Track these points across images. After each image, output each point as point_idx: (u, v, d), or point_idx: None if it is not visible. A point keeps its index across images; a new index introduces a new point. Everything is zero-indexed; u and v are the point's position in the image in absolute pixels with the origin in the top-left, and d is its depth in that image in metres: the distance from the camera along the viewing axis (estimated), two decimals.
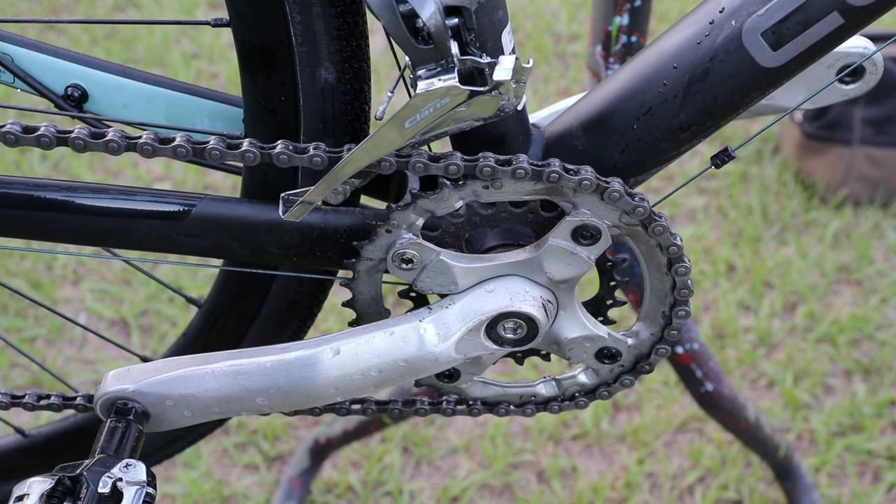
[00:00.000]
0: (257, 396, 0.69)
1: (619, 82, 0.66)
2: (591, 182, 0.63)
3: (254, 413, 0.71)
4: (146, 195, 0.70)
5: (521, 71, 0.59)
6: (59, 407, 0.81)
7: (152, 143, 0.64)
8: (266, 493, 1.54)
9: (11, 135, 0.64)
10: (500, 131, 0.66)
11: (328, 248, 0.70)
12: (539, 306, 0.67)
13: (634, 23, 1.04)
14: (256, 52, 0.66)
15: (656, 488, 1.55)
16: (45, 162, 2.15)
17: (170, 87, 0.74)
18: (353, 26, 0.66)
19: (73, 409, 0.81)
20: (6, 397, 0.81)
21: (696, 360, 1.28)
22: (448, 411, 0.77)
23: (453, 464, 1.59)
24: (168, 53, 2.45)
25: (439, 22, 0.57)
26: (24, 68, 0.72)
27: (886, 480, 1.55)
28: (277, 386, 0.68)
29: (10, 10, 2.64)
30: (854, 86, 0.72)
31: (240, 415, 0.71)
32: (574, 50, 2.52)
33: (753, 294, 1.85)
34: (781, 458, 1.45)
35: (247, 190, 0.73)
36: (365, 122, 0.71)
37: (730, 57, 0.62)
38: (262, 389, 0.69)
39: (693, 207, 2.05)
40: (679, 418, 1.63)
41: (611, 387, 0.76)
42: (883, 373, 1.71)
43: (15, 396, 0.81)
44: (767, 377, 1.71)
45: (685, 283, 0.68)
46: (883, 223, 2.01)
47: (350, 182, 0.63)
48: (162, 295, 1.83)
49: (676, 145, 0.66)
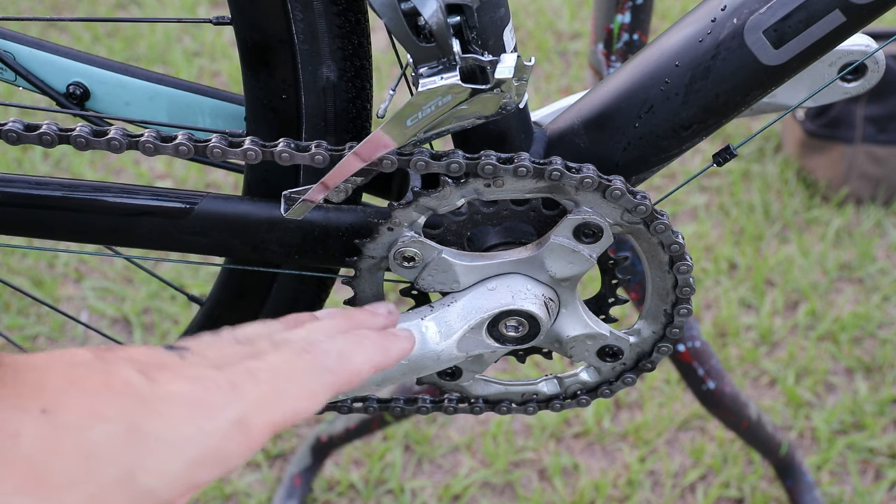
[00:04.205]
0: None
1: (620, 80, 0.66)
2: (592, 180, 0.63)
3: None
4: (148, 193, 0.70)
5: (523, 69, 0.59)
6: None
7: (154, 141, 0.64)
8: (268, 490, 1.55)
9: (13, 133, 0.64)
10: (502, 129, 0.66)
11: (330, 246, 0.70)
12: (541, 304, 0.67)
13: (636, 21, 1.04)
14: (258, 49, 0.66)
15: (658, 486, 1.55)
16: (46, 160, 2.15)
17: (172, 85, 0.74)
18: (355, 24, 0.66)
19: None
20: None
21: (698, 358, 1.28)
22: (450, 409, 0.77)
23: (455, 462, 1.59)
24: (170, 51, 2.45)
25: (441, 20, 0.57)
26: (26, 66, 0.72)
27: (888, 478, 1.55)
28: None
29: (13, 8, 2.64)
30: (856, 84, 0.71)
31: None
32: (576, 48, 2.52)
33: (755, 292, 1.85)
34: (783, 456, 1.45)
35: (248, 188, 0.73)
36: (367, 121, 0.71)
37: (732, 55, 0.62)
38: None
39: (695, 205, 2.05)
40: (681, 416, 1.63)
41: (612, 385, 0.76)
42: (885, 371, 1.71)
43: None
44: (769, 375, 1.71)
45: (687, 281, 0.68)
46: (885, 221, 2.01)
47: (352, 180, 0.63)
48: (164, 293, 1.83)
49: (678, 143, 0.66)
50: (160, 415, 0.43)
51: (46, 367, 0.43)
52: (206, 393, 0.46)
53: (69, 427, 0.41)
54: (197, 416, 0.45)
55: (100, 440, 0.41)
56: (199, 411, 0.45)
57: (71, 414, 0.41)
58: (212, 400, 0.46)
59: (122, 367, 0.45)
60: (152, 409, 0.44)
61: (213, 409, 0.45)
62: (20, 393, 0.41)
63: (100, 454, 0.41)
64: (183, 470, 0.43)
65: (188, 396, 0.45)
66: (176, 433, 0.44)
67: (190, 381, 0.46)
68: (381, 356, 0.56)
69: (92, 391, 0.43)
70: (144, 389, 0.44)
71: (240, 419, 0.46)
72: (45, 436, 0.40)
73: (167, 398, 0.44)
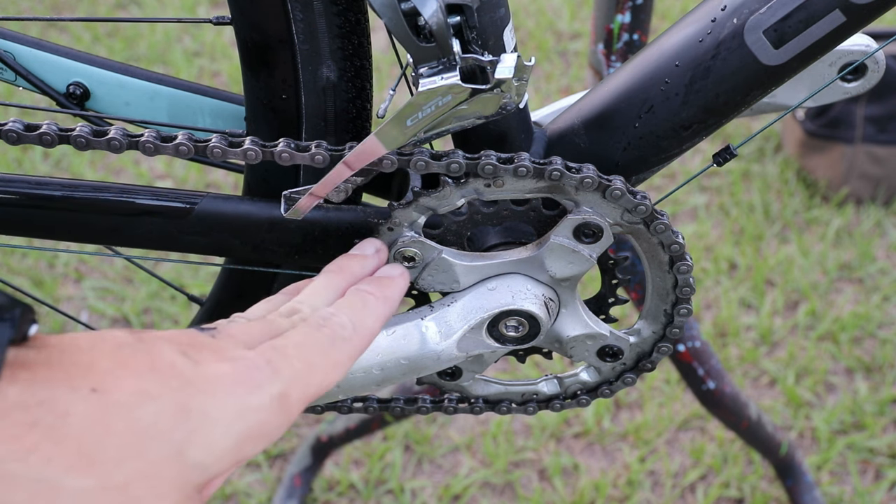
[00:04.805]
0: None
1: (620, 80, 0.66)
2: (592, 180, 0.63)
3: None
4: (148, 193, 0.70)
5: (523, 69, 0.59)
6: None
7: (154, 141, 0.64)
8: (268, 490, 1.55)
9: (13, 133, 0.64)
10: (502, 129, 0.66)
11: (330, 246, 0.70)
12: (541, 304, 0.67)
13: (636, 21, 1.04)
14: (258, 49, 0.66)
15: (658, 486, 1.55)
16: (46, 160, 2.15)
17: (172, 86, 0.74)
18: (355, 24, 0.66)
19: None
20: None
21: (698, 359, 1.28)
22: (450, 409, 0.77)
23: (455, 462, 1.59)
24: (170, 51, 2.45)
25: (441, 20, 0.57)
26: (26, 66, 0.72)
27: (888, 478, 1.55)
28: None
29: (13, 8, 2.64)
30: (856, 84, 0.71)
31: None
32: (576, 48, 2.52)
33: (755, 292, 1.85)
34: (783, 456, 1.45)
35: (248, 188, 0.73)
36: (367, 121, 0.71)
37: (732, 55, 0.62)
38: None
39: (695, 205, 2.05)
40: (681, 416, 1.63)
41: (612, 385, 0.76)
42: (885, 371, 1.71)
43: None
44: (769, 375, 1.71)
45: (687, 281, 0.68)
46: (885, 221, 2.01)
47: (352, 180, 0.63)
48: (164, 293, 1.83)
49: (678, 143, 0.66)
50: (206, 393, 0.45)
51: (91, 348, 0.44)
52: (248, 371, 0.48)
53: (119, 406, 0.42)
54: (242, 394, 0.47)
55: (149, 418, 0.43)
56: (244, 389, 0.47)
57: (120, 393, 0.43)
58: (254, 377, 0.48)
59: (164, 348, 0.46)
60: (198, 389, 0.45)
61: (256, 386, 0.47)
62: (69, 373, 0.42)
63: (149, 432, 0.43)
64: (231, 445, 0.46)
65: (231, 375, 0.47)
66: (223, 410, 0.46)
67: (230, 361, 0.48)
68: (387, 308, 0.58)
69: (138, 372, 0.44)
70: (188, 370, 0.46)
71: (280, 394, 0.48)
72: (96, 415, 0.41)
73: (211, 377, 0.46)
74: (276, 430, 0.48)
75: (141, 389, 0.43)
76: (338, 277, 0.60)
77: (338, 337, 0.53)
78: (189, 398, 0.45)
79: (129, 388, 0.43)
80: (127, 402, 0.43)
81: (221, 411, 0.45)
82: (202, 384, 0.46)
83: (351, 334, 0.54)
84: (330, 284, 0.59)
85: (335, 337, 0.53)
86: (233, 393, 0.46)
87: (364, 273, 0.62)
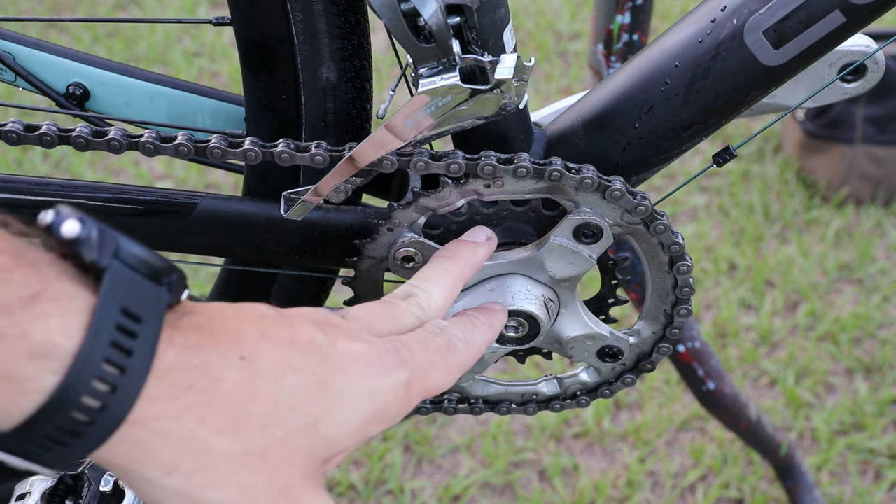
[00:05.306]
0: None
1: (620, 81, 0.66)
2: (592, 180, 0.63)
3: None
4: (148, 194, 0.70)
5: (523, 69, 0.59)
6: None
7: (154, 141, 0.64)
8: None
9: (13, 133, 0.64)
10: (502, 130, 0.66)
11: (330, 247, 0.70)
12: (541, 305, 0.67)
13: (636, 21, 1.04)
14: (258, 50, 0.66)
15: (658, 487, 1.55)
16: (46, 160, 2.15)
17: (171, 86, 0.74)
18: (355, 24, 0.66)
19: None
20: None
21: (698, 359, 1.28)
22: (450, 410, 0.77)
23: (455, 462, 1.59)
24: (170, 52, 2.45)
25: (441, 20, 0.57)
26: (25, 67, 0.72)
27: (888, 479, 1.55)
28: None
29: (13, 8, 2.64)
30: (856, 84, 0.71)
31: None
32: (575, 48, 2.52)
33: (755, 293, 1.85)
34: (783, 457, 1.45)
35: (248, 188, 0.73)
36: (367, 121, 0.71)
37: (732, 55, 0.62)
38: None
39: (695, 206, 2.05)
40: (680, 417, 1.63)
41: (612, 385, 0.76)
42: (884, 371, 1.71)
43: None
44: (769, 376, 1.71)
45: (687, 281, 0.68)
46: (885, 222, 2.01)
47: (352, 180, 0.63)
48: None
49: (678, 143, 0.66)
50: (342, 371, 0.47)
51: (238, 317, 0.46)
52: (380, 354, 0.49)
53: (265, 375, 0.44)
54: (375, 375, 0.48)
55: (291, 389, 0.45)
56: (377, 370, 0.48)
57: (266, 363, 0.44)
58: (385, 361, 0.49)
59: (303, 323, 0.48)
60: (335, 366, 0.47)
61: (388, 370, 0.49)
62: (220, 340, 0.44)
63: (290, 402, 0.45)
64: (360, 423, 0.47)
65: (365, 356, 0.48)
66: (357, 388, 0.47)
67: (363, 343, 0.49)
68: (490, 334, 0.60)
69: (281, 343, 0.46)
70: (325, 346, 0.47)
71: (406, 381, 0.50)
72: (244, 381, 0.43)
73: (347, 356, 0.48)
74: (397, 416, 0.49)
75: (285, 361, 0.45)
76: (450, 263, 0.61)
77: (453, 346, 0.55)
78: (328, 374, 0.46)
79: (274, 358, 0.45)
80: (272, 373, 0.44)
81: (355, 389, 0.47)
82: (339, 361, 0.47)
83: (463, 347, 0.56)
84: (442, 269, 0.61)
85: (451, 345, 0.55)
86: (366, 373, 0.48)
87: (475, 260, 0.63)
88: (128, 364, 0.40)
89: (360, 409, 0.47)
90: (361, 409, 0.47)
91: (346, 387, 0.47)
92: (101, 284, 0.40)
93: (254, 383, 0.44)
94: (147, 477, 0.42)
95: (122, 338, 0.40)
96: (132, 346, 0.40)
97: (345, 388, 0.47)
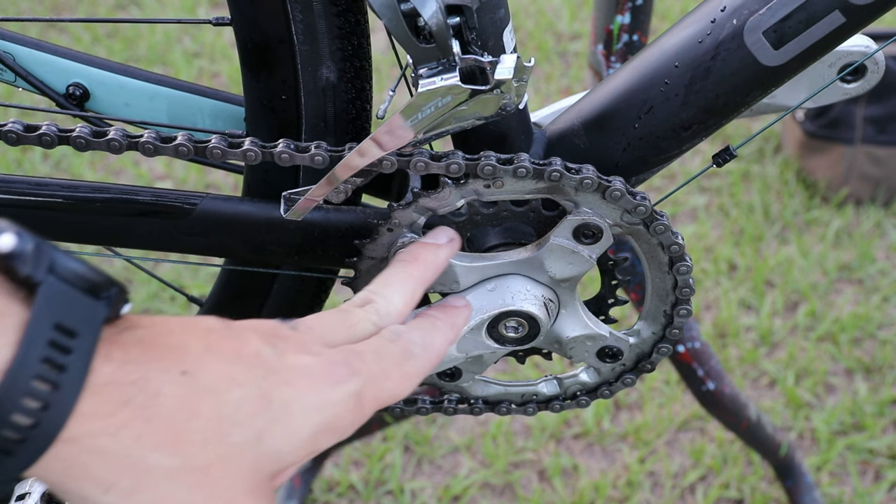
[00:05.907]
0: None
1: (620, 81, 0.66)
2: (592, 181, 0.63)
3: None
4: (148, 194, 0.70)
5: (523, 70, 0.59)
6: None
7: (154, 141, 0.64)
8: None
9: (13, 133, 0.64)
10: (502, 130, 0.66)
11: (330, 247, 0.70)
12: (540, 305, 0.67)
13: (636, 21, 1.04)
14: (258, 50, 0.66)
15: (658, 487, 1.55)
16: (46, 161, 2.15)
17: (171, 86, 0.74)
18: (355, 25, 0.66)
19: None
20: None
21: (698, 359, 1.28)
22: (449, 410, 0.77)
23: (455, 462, 1.59)
24: (170, 52, 2.45)
25: (441, 20, 0.57)
26: (25, 67, 0.72)
27: (888, 479, 1.55)
28: None
29: (12, 8, 2.64)
30: (855, 84, 0.71)
31: None
32: (575, 49, 2.52)
33: (755, 293, 1.85)
34: (783, 457, 1.45)
35: (248, 189, 0.73)
36: (366, 121, 0.71)
37: (731, 55, 0.62)
38: None
39: (695, 206, 2.05)
40: (680, 417, 1.63)
41: (612, 386, 0.76)
42: (884, 371, 1.71)
43: None
44: (769, 376, 1.71)
45: (687, 281, 0.68)
46: (884, 222, 2.01)
47: (351, 181, 0.63)
48: (164, 294, 1.83)
49: (678, 144, 0.66)
50: (288, 384, 0.46)
51: (182, 331, 0.45)
52: (329, 367, 0.48)
53: (207, 390, 0.43)
54: (323, 388, 0.48)
55: (234, 404, 0.44)
56: (325, 383, 0.48)
57: (209, 377, 0.44)
58: (334, 373, 0.48)
59: (251, 336, 0.47)
60: (281, 379, 0.46)
61: (337, 382, 0.48)
62: (161, 355, 0.43)
63: (234, 417, 0.44)
64: (308, 436, 0.47)
65: (313, 368, 0.48)
66: (303, 402, 0.46)
67: (312, 355, 0.48)
68: (452, 334, 0.60)
69: (226, 357, 0.45)
70: (272, 360, 0.47)
71: (357, 393, 0.49)
72: (185, 396, 0.42)
73: (294, 369, 0.47)
74: (349, 427, 0.49)
75: (228, 375, 0.44)
76: (410, 267, 0.61)
77: (409, 352, 0.54)
78: (272, 388, 0.45)
79: (218, 373, 0.44)
80: (215, 387, 0.44)
81: (302, 403, 0.46)
82: (285, 375, 0.46)
83: (420, 352, 0.55)
84: (402, 273, 0.60)
85: (406, 352, 0.54)
86: (314, 386, 0.47)
87: (437, 262, 0.62)
88: (60, 380, 0.39)
89: (307, 422, 0.46)
90: (309, 422, 0.46)
91: (293, 400, 0.46)
92: (34, 299, 0.39)
93: (195, 398, 0.43)
94: (84, 495, 0.41)
95: (55, 353, 0.39)
96: (66, 362, 0.39)
97: (291, 401, 0.46)
